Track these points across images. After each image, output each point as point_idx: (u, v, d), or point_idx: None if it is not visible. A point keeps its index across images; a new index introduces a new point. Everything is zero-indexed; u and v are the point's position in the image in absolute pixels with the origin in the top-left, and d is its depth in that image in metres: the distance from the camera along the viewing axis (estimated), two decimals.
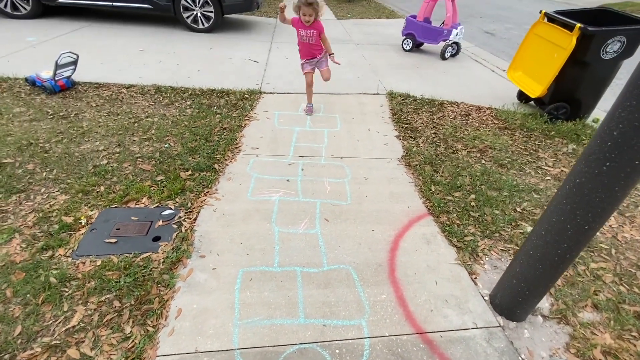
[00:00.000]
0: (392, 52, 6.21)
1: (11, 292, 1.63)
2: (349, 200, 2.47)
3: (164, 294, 1.70)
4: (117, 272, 1.78)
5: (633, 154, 1.05)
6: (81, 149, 2.77)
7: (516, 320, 1.70)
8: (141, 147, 2.87)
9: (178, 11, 6.02)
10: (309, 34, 3.15)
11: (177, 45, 5.41)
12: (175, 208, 2.28)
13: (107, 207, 2.24)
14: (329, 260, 1.97)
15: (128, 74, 4.19)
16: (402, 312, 1.70)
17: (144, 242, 2.02)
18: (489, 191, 2.64)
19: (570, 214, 1.26)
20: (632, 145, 1.04)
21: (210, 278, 1.82)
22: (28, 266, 1.76)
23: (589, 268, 2.02)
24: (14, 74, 3.79)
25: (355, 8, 10.53)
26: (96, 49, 4.85)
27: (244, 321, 1.61)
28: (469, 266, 2.00)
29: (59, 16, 6.17)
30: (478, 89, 4.76)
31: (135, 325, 1.55)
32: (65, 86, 3.65)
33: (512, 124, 3.73)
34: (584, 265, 2.04)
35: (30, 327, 1.49)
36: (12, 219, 2.07)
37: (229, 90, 4.02)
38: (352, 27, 7.96)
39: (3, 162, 2.50)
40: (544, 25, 3.63)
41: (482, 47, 7.01)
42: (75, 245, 1.94)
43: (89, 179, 2.44)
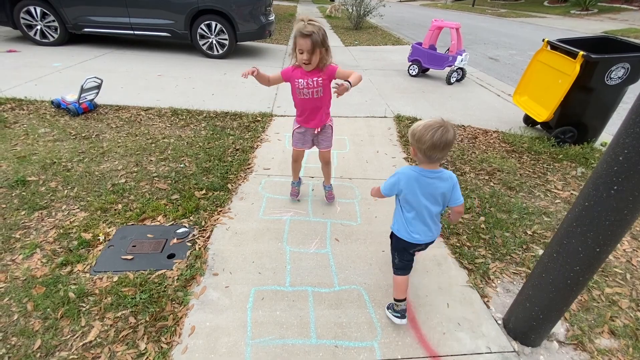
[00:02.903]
0: (398, 77, 6.40)
1: (32, 306, 1.67)
2: (359, 220, 2.51)
3: (178, 311, 1.73)
4: (132, 289, 1.82)
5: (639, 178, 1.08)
6: (101, 168, 2.89)
7: (531, 345, 1.67)
8: (158, 167, 2.97)
9: (195, 39, 6.36)
10: (311, 84, 2.02)
11: (193, 71, 5.67)
12: (190, 226, 2.34)
13: (124, 224, 2.31)
14: (340, 280, 1.99)
15: (147, 97, 4.39)
16: (414, 335, 1.69)
17: (159, 259, 2.06)
18: (498, 213, 2.65)
19: (581, 237, 1.28)
20: (638, 170, 1.08)
21: (222, 296, 1.84)
22: (48, 281, 1.82)
23: (604, 293, 1.99)
24: (41, 96, 4.01)
25: (362, 35, 10.97)
26: (117, 74, 5.11)
27: (256, 340, 1.62)
28: (480, 289, 1.99)
29: (84, 43, 6.55)
30: (484, 112, 4.85)
31: (150, 342, 1.57)
32: (88, 108, 3.83)
33: (519, 147, 3.78)
34: (599, 290, 2.01)
35: (49, 342, 1.53)
36: (35, 234, 2.15)
37: (241, 113, 4.18)
38: (360, 54, 8.26)
39: (28, 180, 2.61)
40: (547, 52, 3.75)
41: (486, 72, 7.19)
42: (93, 261, 1.99)
43: (107, 197, 2.52)
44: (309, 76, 2.02)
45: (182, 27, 6.20)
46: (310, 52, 1.88)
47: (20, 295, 1.72)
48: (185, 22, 6.15)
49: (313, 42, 1.85)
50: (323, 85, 2.06)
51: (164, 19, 6.15)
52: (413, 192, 1.52)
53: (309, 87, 2.05)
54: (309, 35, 1.83)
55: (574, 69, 3.33)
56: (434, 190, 1.51)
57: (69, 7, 5.89)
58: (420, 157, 1.49)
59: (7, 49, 5.68)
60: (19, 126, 3.42)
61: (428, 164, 1.49)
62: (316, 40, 1.84)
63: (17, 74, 4.66)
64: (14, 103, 3.81)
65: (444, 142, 1.37)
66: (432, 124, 1.39)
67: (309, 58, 1.91)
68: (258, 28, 6.54)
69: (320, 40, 1.87)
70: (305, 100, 2.12)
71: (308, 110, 2.18)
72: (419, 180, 1.50)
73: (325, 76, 2.03)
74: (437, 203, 1.54)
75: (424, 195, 1.52)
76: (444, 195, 1.53)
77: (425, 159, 1.46)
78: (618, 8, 20.69)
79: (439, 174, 1.50)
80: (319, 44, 1.87)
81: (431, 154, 1.42)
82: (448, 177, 1.52)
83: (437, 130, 1.36)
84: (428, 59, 6.24)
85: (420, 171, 1.50)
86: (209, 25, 6.24)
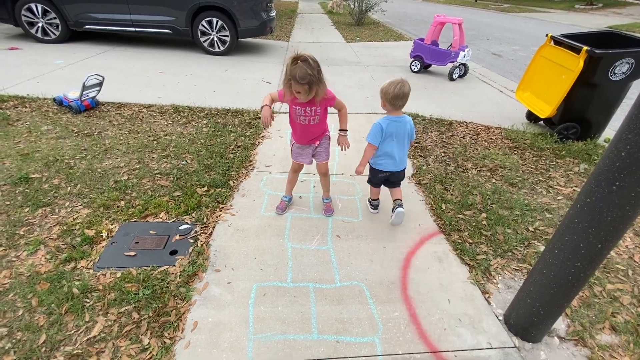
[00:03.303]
0: (400, 73, 6.34)
1: (36, 302, 1.69)
2: (360, 217, 2.51)
3: (181, 307, 1.74)
4: (136, 285, 1.84)
5: None
6: (103, 165, 2.90)
7: (532, 341, 1.67)
8: (160, 164, 2.98)
9: (196, 36, 6.35)
10: (309, 112, 2.02)
11: (194, 68, 5.67)
12: (192, 223, 2.35)
13: (127, 221, 2.33)
14: (341, 276, 1.99)
15: (148, 94, 4.40)
16: (415, 330, 1.70)
17: (161, 256, 2.08)
18: (500, 210, 2.64)
19: (582, 233, 1.28)
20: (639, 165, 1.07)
21: (225, 292, 1.85)
22: (52, 277, 1.83)
23: (605, 289, 1.99)
24: (43, 94, 4.02)
25: (363, 31, 10.90)
26: (119, 71, 5.12)
27: (258, 336, 1.64)
28: (482, 285, 1.99)
29: (85, 40, 6.56)
30: (486, 109, 4.83)
31: (153, 337, 1.59)
32: (90, 106, 3.85)
33: (521, 144, 3.76)
34: (600, 286, 2.01)
35: (54, 336, 1.54)
36: (38, 231, 2.17)
37: (243, 110, 4.18)
38: (361, 50, 8.21)
39: (31, 177, 2.63)
40: (550, 48, 3.72)
41: (489, 68, 7.14)
42: (96, 257, 2.01)
43: (110, 193, 2.54)
44: (306, 105, 2.01)
45: (183, 23, 6.18)
46: (307, 93, 1.86)
47: (25, 291, 1.74)
48: (187, 19, 6.13)
49: (309, 85, 1.81)
50: (321, 113, 2.09)
51: (165, 15, 6.14)
52: (389, 133, 2.13)
53: (307, 115, 2.06)
54: (304, 83, 1.79)
55: (578, 65, 3.30)
56: (402, 131, 2.15)
57: (70, 4, 5.89)
58: (388, 107, 2.11)
59: (8, 46, 5.69)
60: (21, 124, 3.43)
61: (394, 111, 2.11)
62: (312, 82, 1.80)
63: (19, 72, 4.67)
64: (16, 101, 3.82)
65: (402, 92, 1.99)
66: (393, 81, 2.01)
67: (306, 98, 1.91)
68: (259, 24, 6.52)
69: (316, 79, 1.82)
70: (302, 125, 2.14)
71: (304, 132, 2.19)
72: (390, 124, 2.12)
73: (322, 106, 2.06)
74: (403, 141, 2.20)
75: (396, 135, 2.15)
76: (409, 133, 2.20)
77: (391, 107, 2.09)
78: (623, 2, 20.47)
79: (403, 118, 2.15)
80: (315, 83, 1.82)
81: (395, 102, 2.03)
82: (409, 119, 2.18)
83: (397, 85, 1.98)
84: (430, 55, 6.21)
85: (390, 118, 2.12)
86: (210, 22, 6.22)
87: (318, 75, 1.82)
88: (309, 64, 1.76)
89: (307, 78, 1.77)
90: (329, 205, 2.55)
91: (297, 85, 1.81)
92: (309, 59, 1.76)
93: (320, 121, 2.12)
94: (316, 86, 1.83)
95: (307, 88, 1.81)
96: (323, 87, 1.88)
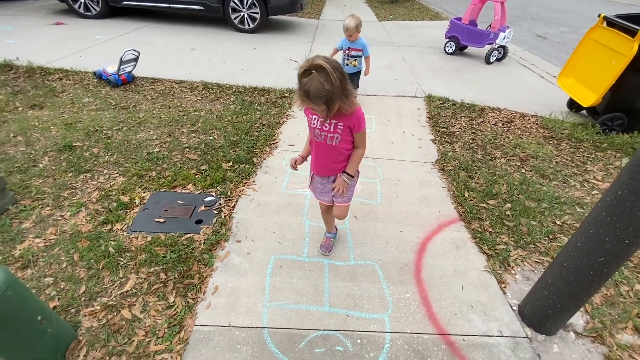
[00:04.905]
0: (433, 55, 6.10)
1: (78, 257, 1.88)
2: (379, 200, 2.52)
3: (204, 272, 1.87)
4: (164, 248, 1.98)
5: None
6: (137, 137, 3.07)
7: (546, 333, 1.65)
8: (189, 138, 3.11)
9: (227, 12, 6.37)
10: (327, 127, 1.53)
11: (224, 45, 5.73)
12: (216, 195, 2.47)
13: (158, 190, 2.48)
14: (355, 255, 2.04)
15: (180, 70, 4.52)
16: (425, 312, 1.73)
17: (187, 224, 2.21)
18: (526, 201, 2.55)
19: (609, 227, 1.23)
20: None
21: (244, 261, 1.96)
22: (91, 236, 2.02)
23: (633, 289, 1.90)
24: (84, 67, 4.25)
25: (398, 9, 10.43)
26: (153, 47, 5.28)
27: (273, 303, 1.73)
28: (498, 275, 1.97)
29: (123, 17, 6.78)
30: (524, 95, 4.55)
31: (178, 296, 1.72)
32: (127, 80, 4.03)
33: (559, 134, 3.55)
34: (629, 285, 1.92)
35: (92, 288, 1.72)
36: (80, 194, 2.36)
37: (269, 89, 4.21)
38: (394, 29, 7.90)
39: (74, 145, 2.84)
40: (602, 29, 3.40)
41: (532, 52, 6.66)
42: (130, 221, 2.18)
43: (143, 164, 2.70)
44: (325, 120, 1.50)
45: (215, 0, 6.21)
46: (326, 112, 1.38)
47: (68, 247, 1.93)
48: None
49: (327, 104, 1.32)
50: (342, 132, 1.52)
51: None
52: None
53: (323, 130, 1.54)
54: (320, 99, 1.29)
55: (632, 49, 3.01)
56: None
57: None
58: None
59: (54, 21, 6.01)
60: (65, 95, 3.67)
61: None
62: (331, 98, 1.30)
63: (64, 46, 4.94)
64: (61, 73, 4.08)
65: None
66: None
67: (325, 116, 1.43)
68: (290, 1, 6.41)
69: (338, 94, 1.31)
70: (317, 144, 1.62)
71: (322, 154, 1.65)
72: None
73: (346, 122, 1.49)
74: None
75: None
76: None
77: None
78: None
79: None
80: (336, 99, 1.32)
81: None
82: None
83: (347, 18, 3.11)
84: (467, 36, 5.87)
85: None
86: None
87: (342, 88, 1.32)
88: (327, 75, 1.25)
89: (323, 95, 1.28)
90: (328, 240, 2.05)
91: (311, 104, 1.34)
92: (327, 67, 1.25)
93: (341, 142, 1.56)
94: (338, 101, 1.34)
95: (325, 108, 1.35)
96: (349, 102, 1.38)
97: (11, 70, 4.00)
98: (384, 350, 1.55)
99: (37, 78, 3.93)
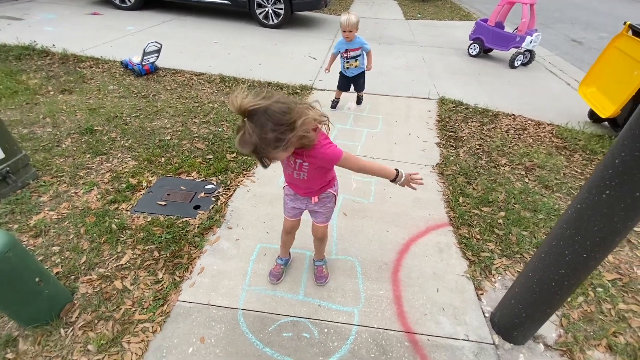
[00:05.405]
0: (455, 56, 5.96)
1: (84, 230, 2.08)
2: (371, 199, 2.57)
3: (193, 253, 2.02)
4: (161, 229, 2.15)
5: (633, 184, 1.00)
6: (152, 124, 3.28)
7: (513, 342, 1.66)
8: (199, 128, 3.29)
9: (252, 7, 6.53)
10: (294, 166, 1.39)
11: (246, 39, 5.90)
12: (217, 184, 2.61)
13: (164, 175, 2.66)
14: (338, 250, 2.11)
15: (201, 63, 4.73)
16: (395, 310, 1.78)
17: (186, 209, 2.37)
18: (522, 211, 2.50)
19: (569, 240, 1.23)
20: (632, 175, 1.00)
21: (232, 247, 2.09)
22: (99, 213, 2.22)
23: (615, 308, 1.84)
24: (113, 57, 4.55)
25: (427, 8, 10.20)
26: (179, 39, 5.53)
27: (252, 287, 1.85)
28: (477, 281, 1.97)
29: (155, 9, 7.12)
30: (543, 102, 4.38)
31: (167, 273, 1.88)
32: (150, 70, 4.28)
33: (573, 144, 3.41)
34: (611, 304, 1.87)
35: (92, 259, 1.91)
36: (94, 175, 2.59)
37: (283, 84, 4.32)
38: (419, 28, 7.77)
39: (95, 129, 3.09)
40: (627, 38, 3.23)
41: (563, 57, 6.34)
42: (135, 202, 2.37)
43: (154, 150, 2.90)
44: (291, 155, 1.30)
45: None
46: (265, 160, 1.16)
47: (77, 221, 2.14)
48: None
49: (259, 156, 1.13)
50: (309, 170, 1.37)
51: None
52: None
53: (289, 166, 1.40)
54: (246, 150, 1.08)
55: None
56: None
57: None
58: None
59: (91, 11, 6.43)
60: (94, 82, 3.97)
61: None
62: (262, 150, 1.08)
63: (97, 35, 5.30)
64: (92, 61, 4.40)
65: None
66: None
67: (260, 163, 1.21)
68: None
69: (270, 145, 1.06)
70: (287, 174, 1.50)
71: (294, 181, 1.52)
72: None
73: (311, 161, 1.32)
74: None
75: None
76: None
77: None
78: None
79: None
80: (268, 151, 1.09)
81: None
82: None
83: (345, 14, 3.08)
84: (492, 38, 5.69)
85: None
86: None
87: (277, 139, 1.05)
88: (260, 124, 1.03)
89: (250, 145, 1.05)
90: (321, 271, 1.90)
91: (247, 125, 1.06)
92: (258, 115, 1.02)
93: (308, 178, 1.41)
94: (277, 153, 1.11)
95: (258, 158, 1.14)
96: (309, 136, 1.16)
97: (47, 57, 4.37)
98: (348, 341, 1.63)
99: (70, 65, 4.27)
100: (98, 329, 1.60)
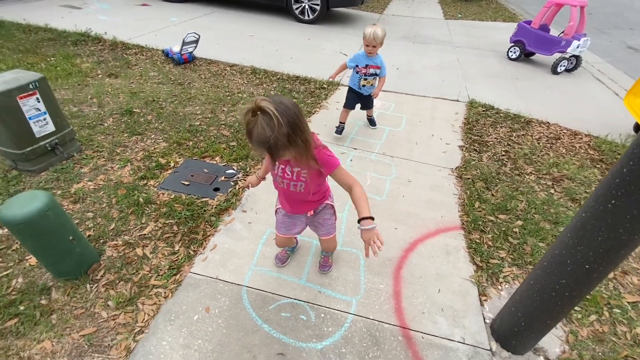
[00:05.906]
0: (492, 59, 5.73)
1: (115, 201, 2.29)
2: (384, 196, 2.58)
3: (208, 231, 2.16)
4: (182, 206, 2.31)
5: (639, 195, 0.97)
6: (185, 110, 3.49)
7: (512, 351, 1.63)
8: (227, 117, 3.45)
9: (289, 2, 6.66)
10: (288, 174, 1.38)
11: (281, 34, 6.04)
12: (237, 170, 2.75)
13: (190, 158, 2.84)
14: (344, 242, 2.16)
15: (235, 54, 4.92)
16: (393, 304, 1.80)
17: (206, 190, 2.53)
18: (542, 222, 2.41)
19: (571, 249, 1.19)
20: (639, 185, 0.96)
21: (244, 229, 2.21)
22: (130, 187, 2.43)
23: (632, 332, 1.74)
24: (156, 45, 4.86)
25: (470, 8, 9.82)
26: (217, 31, 5.78)
27: (258, 268, 1.95)
28: (482, 287, 1.94)
29: (198, 2, 7.46)
30: (584, 111, 4.12)
31: (182, 247, 2.03)
32: (188, 59, 4.53)
33: (611, 158, 3.19)
34: (628, 327, 1.77)
35: (119, 227, 2.11)
36: (129, 152, 2.82)
37: (310, 79, 4.40)
38: (458, 28, 7.52)
39: (134, 111, 3.35)
40: None
41: (615, 65, 5.88)
42: (161, 180, 2.55)
43: (184, 134, 3.09)
44: (286, 163, 1.35)
45: None
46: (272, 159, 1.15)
47: (110, 192, 2.36)
48: None
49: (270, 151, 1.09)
50: (307, 179, 1.36)
51: None
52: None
53: (285, 178, 1.38)
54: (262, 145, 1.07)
55: None
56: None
57: None
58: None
59: (141, 2, 6.86)
60: (137, 68, 4.27)
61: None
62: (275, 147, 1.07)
63: (144, 25, 5.67)
64: (137, 49, 4.73)
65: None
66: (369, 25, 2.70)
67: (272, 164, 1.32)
68: None
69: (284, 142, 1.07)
70: (283, 189, 1.48)
71: (288, 197, 1.53)
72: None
73: (310, 170, 1.33)
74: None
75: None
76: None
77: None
78: None
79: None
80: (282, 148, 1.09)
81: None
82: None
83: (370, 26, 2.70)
84: (534, 41, 5.40)
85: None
86: None
87: (289, 136, 1.07)
88: (270, 119, 1.03)
89: (266, 142, 1.05)
90: (326, 259, 1.96)
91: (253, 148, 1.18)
92: (272, 111, 1.02)
93: (306, 188, 1.40)
94: (286, 151, 1.12)
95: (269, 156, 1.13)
96: (304, 149, 1.15)
97: (99, 43, 4.75)
98: (342, 328, 1.68)
99: (118, 51, 4.62)
100: (118, 289, 1.77)
